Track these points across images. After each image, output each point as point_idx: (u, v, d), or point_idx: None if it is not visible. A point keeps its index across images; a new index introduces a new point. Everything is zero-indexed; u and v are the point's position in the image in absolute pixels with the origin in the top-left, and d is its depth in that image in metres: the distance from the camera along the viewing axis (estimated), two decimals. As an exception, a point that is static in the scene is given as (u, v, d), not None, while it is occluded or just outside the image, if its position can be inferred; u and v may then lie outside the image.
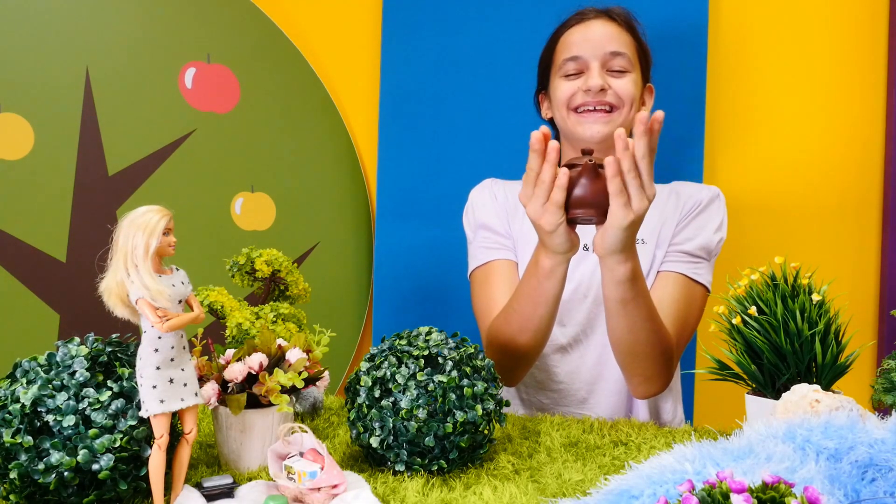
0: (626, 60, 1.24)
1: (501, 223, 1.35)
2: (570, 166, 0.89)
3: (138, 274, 0.64)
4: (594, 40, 1.23)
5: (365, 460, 0.86)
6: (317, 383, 0.87)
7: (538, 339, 1.12)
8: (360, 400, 0.81)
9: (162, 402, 0.66)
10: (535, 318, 1.09)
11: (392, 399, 0.79)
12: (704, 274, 1.26)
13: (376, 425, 0.79)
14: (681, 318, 1.22)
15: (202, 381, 0.81)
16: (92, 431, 0.66)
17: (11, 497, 0.67)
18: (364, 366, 0.84)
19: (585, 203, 0.88)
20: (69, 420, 0.66)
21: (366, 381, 0.81)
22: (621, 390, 1.28)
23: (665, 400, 1.32)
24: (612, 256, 0.95)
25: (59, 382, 0.68)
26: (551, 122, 1.38)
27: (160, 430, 0.66)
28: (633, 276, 0.99)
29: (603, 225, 0.91)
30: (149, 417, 0.66)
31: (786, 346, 0.78)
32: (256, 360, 0.82)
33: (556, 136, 1.40)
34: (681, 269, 1.25)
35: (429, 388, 0.78)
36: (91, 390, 0.68)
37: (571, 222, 0.92)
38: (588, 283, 1.30)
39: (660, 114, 0.88)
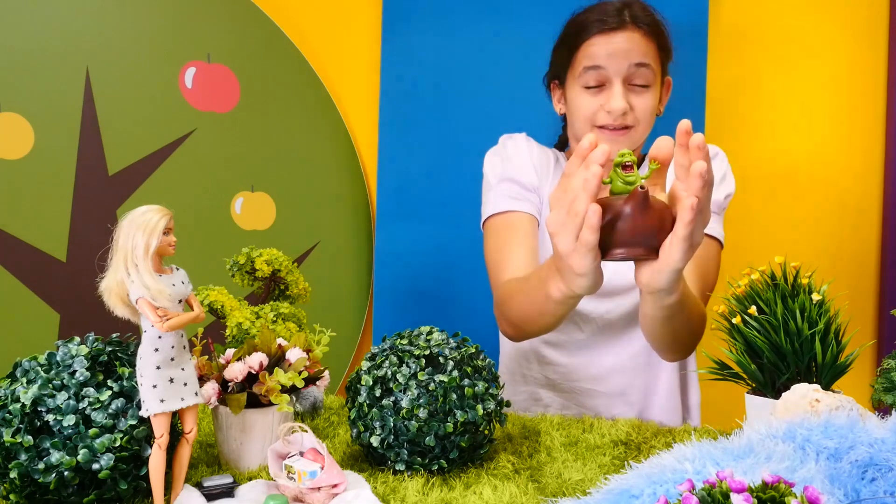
0: (650, 72, 1.19)
1: (531, 180, 1.29)
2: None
3: (138, 273, 0.64)
4: (619, 54, 1.17)
5: (365, 460, 0.86)
6: (317, 383, 0.87)
7: (544, 330, 1.12)
8: (360, 399, 0.81)
9: (162, 401, 0.66)
10: (541, 323, 1.07)
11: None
12: (717, 228, 1.28)
13: (377, 425, 0.79)
14: (702, 276, 1.23)
15: (202, 380, 0.81)
16: (92, 431, 0.66)
17: (11, 497, 0.67)
18: (365, 365, 0.84)
19: (633, 241, 0.69)
20: (69, 420, 0.66)
21: (367, 380, 0.81)
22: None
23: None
24: (661, 291, 0.80)
25: (59, 382, 0.68)
26: (563, 118, 1.36)
27: (160, 430, 0.66)
28: (679, 300, 0.87)
29: (650, 262, 0.75)
30: (149, 417, 0.66)
31: (786, 346, 0.78)
32: (256, 359, 0.82)
33: (564, 136, 1.38)
34: None
35: (430, 388, 0.78)
36: (91, 390, 0.68)
37: (609, 260, 0.73)
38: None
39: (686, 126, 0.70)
